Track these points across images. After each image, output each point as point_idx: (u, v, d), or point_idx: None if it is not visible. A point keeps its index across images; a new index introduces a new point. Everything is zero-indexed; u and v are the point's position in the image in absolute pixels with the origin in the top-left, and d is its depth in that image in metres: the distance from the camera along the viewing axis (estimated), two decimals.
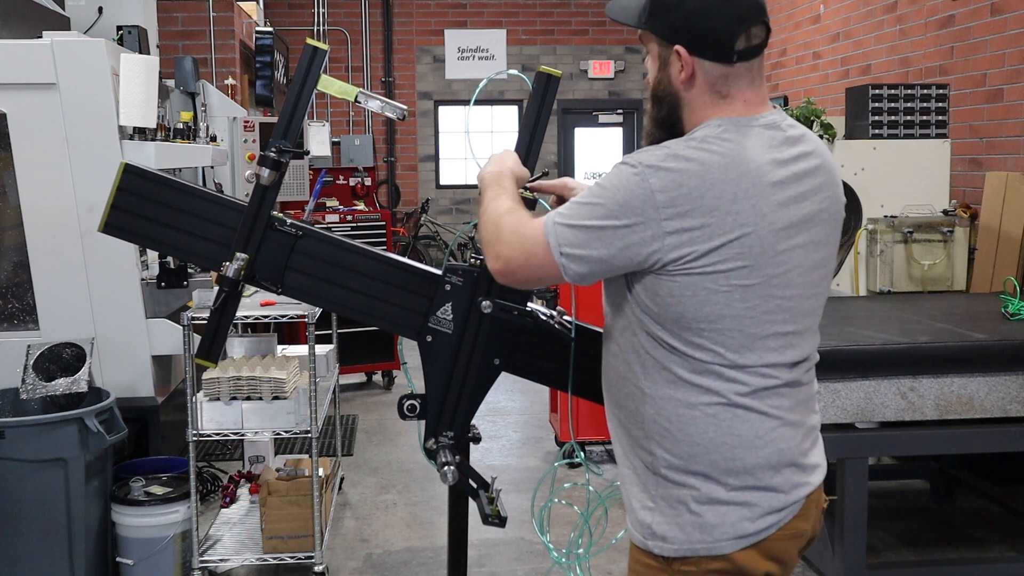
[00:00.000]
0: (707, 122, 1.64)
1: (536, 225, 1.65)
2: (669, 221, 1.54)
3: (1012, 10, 5.50)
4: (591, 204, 1.60)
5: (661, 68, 1.68)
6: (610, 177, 1.62)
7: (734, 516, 1.61)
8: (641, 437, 1.67)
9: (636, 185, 1.56)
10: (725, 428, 1.61)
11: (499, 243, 1.68)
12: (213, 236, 2.05)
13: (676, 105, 1.68)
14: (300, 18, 10.95)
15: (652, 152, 1.59)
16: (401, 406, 2.07)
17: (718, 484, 1.62)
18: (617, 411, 1.74)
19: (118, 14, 5.32)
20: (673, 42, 1.63)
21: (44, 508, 3.28)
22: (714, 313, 1.57)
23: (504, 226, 1.69)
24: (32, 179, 3.72)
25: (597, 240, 1.57)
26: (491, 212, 1.74)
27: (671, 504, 1.64)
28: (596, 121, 11.69)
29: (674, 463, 1.63)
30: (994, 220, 5.07)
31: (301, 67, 2.01)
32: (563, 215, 1.63)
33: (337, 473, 4.62)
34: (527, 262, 1.65)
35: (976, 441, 3.29)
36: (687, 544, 1.62)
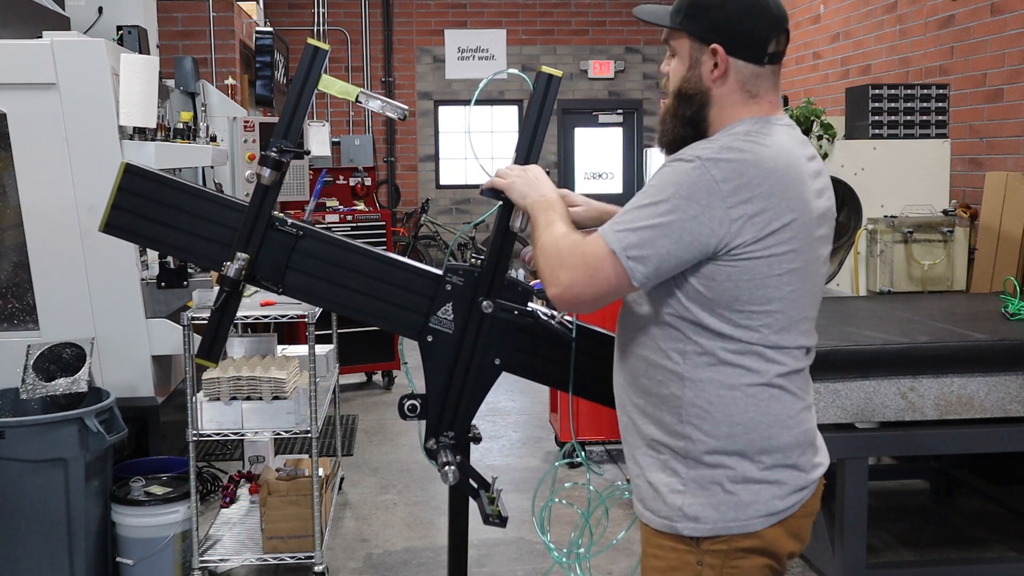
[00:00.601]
0: (741, 120, 1.72)
1: (594, 240, 1.66)
2: (734, 208, 1.60)
3: (1012, 10, 5.50)
4: (652, 204, 1.63)
5: (692, 67, 1.74)
6: (665, 175, 1.66)
7: (766, 494, 1.69)
8: (674, 422, 1.70)
9: (698, 177, 1.61)
10: (763, 408, 1.69)
11: (560, 268, 1.68)
12: (214, 236, 2.05)
13: (705, 103, 1.74)
14: (300, 18, 10.95)
15: (704, 147, 1.66)
16: (402, 406, 2.07)
17: (752, 463, 1.68)
18: (641, 400, 1.76)
19: (118, 14, 5.32)
20: (710, 41, 1.71)
21: (44, 508, 3.28)
22: (766, 296, 1.65)
23: (563, 249, 1.70)
24: (32, 179, 3.72)
25: (664, 237, 1.61)
26: (547, 238, 1.74)
27: (703, 485, 1.68)
28: (596, 121, 11.69)
29: (712, 444, 1.68)
30: (994, 220, 5.07)
31: (302, 67, 2.01)
32: (621, 222, 1.65)
33: (337, 473, 4.62)
34: (592, 279, 1.65)
35: (976, 441, 3.28)
36: (720, 523, 1.68)
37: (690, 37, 1.74)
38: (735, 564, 1.69)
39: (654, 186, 1.66)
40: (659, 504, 1.73)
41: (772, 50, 1.72)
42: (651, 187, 1.66)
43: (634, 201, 1.68)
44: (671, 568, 1.72)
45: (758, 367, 1.68)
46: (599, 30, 11.50)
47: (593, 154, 11.70)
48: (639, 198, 1.67)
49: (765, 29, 1.71)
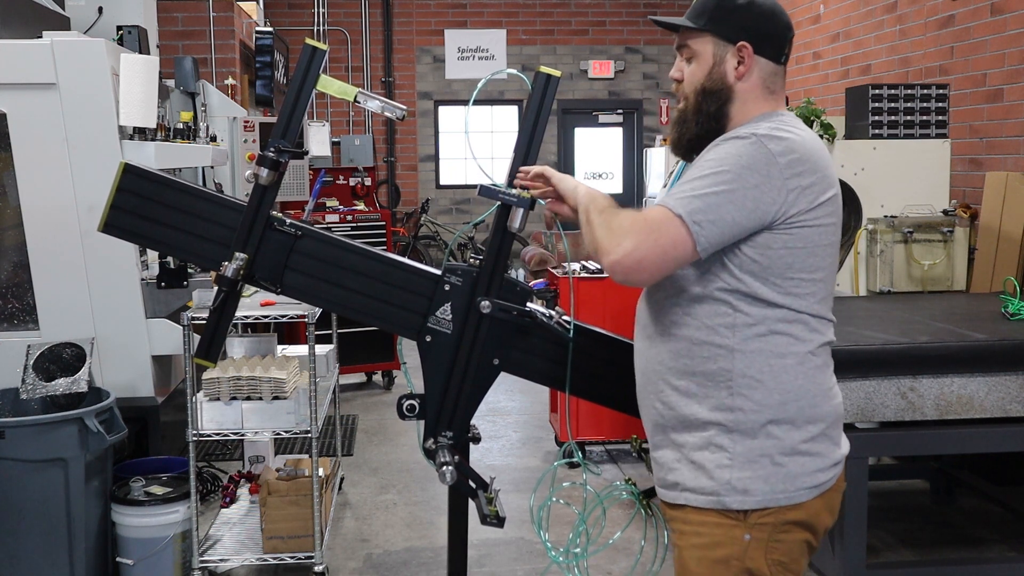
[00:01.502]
0: (765, 114, 1.82)
1: (656, 209, 1.71)
2: (790, 180, 1.70)
3: (1012, 10, 5.49)
4: (714, 173, 1.70)
5: (715, 65, 1.83)
6: (723, 150, 1.73)
7: (811, 466, 1.76)
8: (724, 396, 1.74)
9: (757, 151, 1.70)
10: (810, 376, 1.77)
11: (621, 235, 1.70)
12: (213, 236, 2.05)
13: (728, 99, 1.84)
14: (300, 18, 10.95)
15: (754, 127, 1.75)
16: (400, 406, 2.07)
17: (799, 432, 1.75)
18: (683, 381, 1.79)
19: (118, 14, 5.32)
20: (736, 40, 1.82)
21: (44, 508, 3.28)
22: (815, 264, 1.75)
23: (621, 220, 1.74)
24: (32, 179, 3.72)
25: (729, 203, 1.67)
26: (598, 216, 1.79)
27: (751, 458, 1.73)
28: (596, 121, 11.69)
29: (764, 414, 1.73)
30: (994, 220, 5.07)
31: (300, 67, 2.01)
32: (683, 191, 1.71)
33: (337, 473, 4.63)
34: (656, 243, 1.68)
35: (976, 441, 3.28)
36: (770, 495, 1.73)
37: (714, 37, 1.83)
38: (780, 537, 1.74)
39: (712, 159, 1.72)
40: (704, 481, 1.75)
41: (786, 51, 1.87)
42: (709, 161, 1.73)
43: (691, 174, 1.74)
44: (715, 544, 1.75)
45: (804, 335, 1.76)
46: (599, 30, 11.50)
47: (593, 154, 11.70)
48: (702, 169, 1.72)
49: (782, 31, 1.86)
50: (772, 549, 1.74)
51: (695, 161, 1.81)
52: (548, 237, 9.14)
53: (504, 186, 1.99)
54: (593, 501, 2.16)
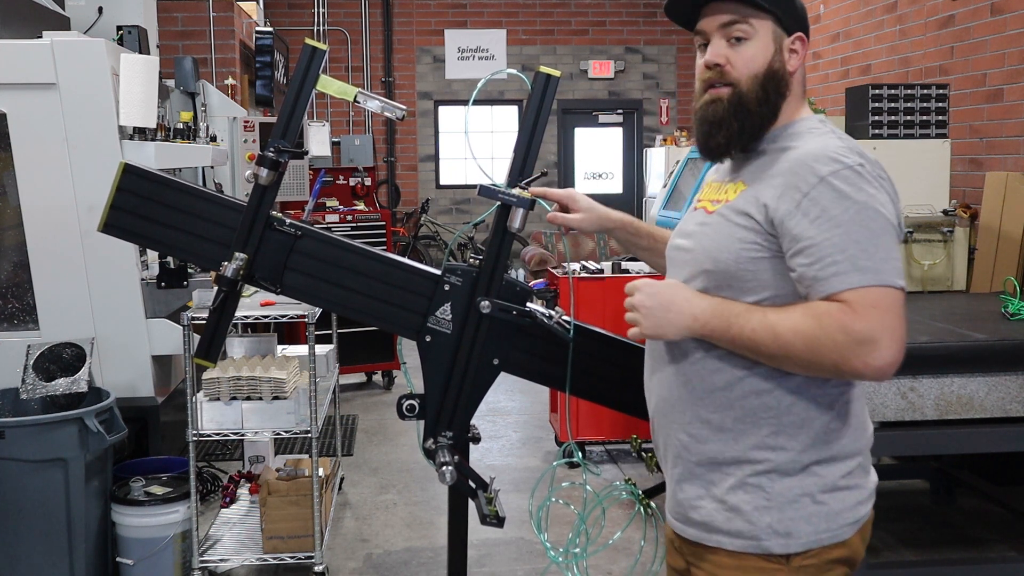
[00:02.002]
0: (807, 118, 1.69)
1: (872, 293, 1.49)
2: (897, 204, 1.59)
3: (1012, 10, 5.50)
4: (881, 228, 1.53)
5: (777, 51, 1.66)
6: (857, 193, 1.53)
7: (851, 500, 1.64)
8: (766, 435, 1.61)
9: (876, 180, 1.56)
10: (851, 409, 1.65)
11: (871, 342, 1.47)
12: (213, 236, 2.05)
13: (784, 93, 1.67)
14: (300, 18, 10.95)
15: (840, 154, 1.56)
16: (400, 406, 2.07)
17: (840, 467, 1.63)
18: (717, 415, 1.64)
19: (118, 14, 5.33)
20: (794, 31, 1.67)
21: (44, 508, 3.28)
22: None
23: (851, 324, 1.48)
24: (32, 179, 3.72)
25: (900, 251, 1.57)
26: (797, 333, 1.51)
27: (791, 499, 1.61)
28: (596, 121, 11.69)
29: (809, 454, 1.61)
30: (994, 220, 5.07)
31: (300, 67, 2.01)
32: (876, 258, 1.51)
33: (337, 473, 4.63)
34: (903, 323, 1.51)
35: (976, 441, 3.28)
36: (814, 535, 1.61)
37: (775, 22, 1.66)
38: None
39: (859, 208, 1.52)
40: (740, 524, 1.62)
41: None
42: (852, 208, 1.52)
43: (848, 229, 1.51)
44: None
45: None
46: (599, 30, 11.50)
47: (593, 154, 11.70)
48: (853, 223, 1.51)
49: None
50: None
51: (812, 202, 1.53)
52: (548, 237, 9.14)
53: (504, 186, 1.99)
54: (593, 501, 2.16)
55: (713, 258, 1.63)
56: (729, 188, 1.69)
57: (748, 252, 1.60)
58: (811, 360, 1.51)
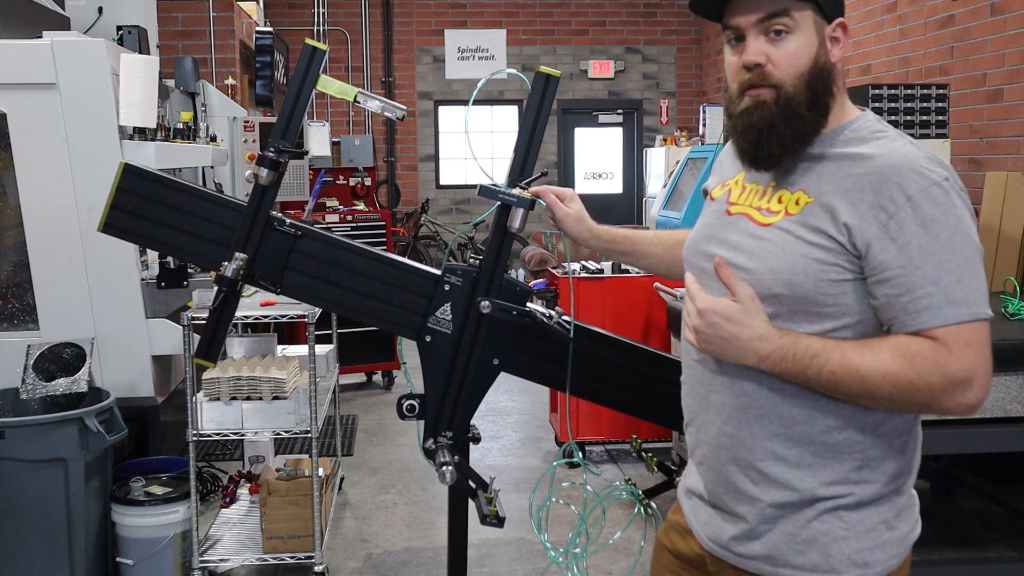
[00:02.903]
0: (865, 116, 1.55)
1: (969, 330, 1.40)
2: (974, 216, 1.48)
3: (1012, 10, 5.50)
4: (972, 253, 1.42)
5: (822, 45, 1.51)
6: (948, 216, 1.40)
7: (911, 520, 1.59)
8: (848, 471, 1.51)
9: (959, 198, 1.43)
10: (919, 436, 1.60)
11: (967, 382, 1.40)
12: (213, 236, 2.05)
13: (833, 90, 1.52)
14: (300, 18, 10.95)
15: (924, 167, 1.42)
16: (400, 406, 2.07)
17: (903, 492, 1.57)
18: (793, 451, 1.52)
19: (118, 14, 5.33)
20: (834, 17, 1.51)
21: (44, 508, 3.28)
22: None
23: (946, 365, 1.40)
24: (32, 179, 3.72)
25: (982, 268, 1.45)
26: (885, 375, 1.41)
27: (870, 527, 1.52)
28: (596, 121, 11.69)
29: (890, 486, 1.54)
30: (994, 220, 5.07)
31: (300, 67, 2.01)
32: (969, 289, 1.40)
33: (337, 473, 4.63)
34: (991, 357, 1.44)
35: (976, 441, 3.28)
36: (886, 562, 1.53)
37: (815, 10, 1.49)
38: None
39: (951, 233, 1.40)
40: (815, 557, 1.52)
41: None
42: (944, 234, 1.40)
43: (942, 257, 1.40)
44: None
45: None
46: (599, 30, 11.50)
47: (593, 154, 11.70)
48: (947, 250, 1.40)
49: None
50: None
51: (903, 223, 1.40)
52: (548, 237, 9.14)
53: (504, 186, 1.99)
54: (593, 501, 2.16)
55: (787, 281, 1.47)
56: (784, 196, 1.53)
57: (828, 274, 1.45)
58: (899, 401, 1.43)
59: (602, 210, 10.68)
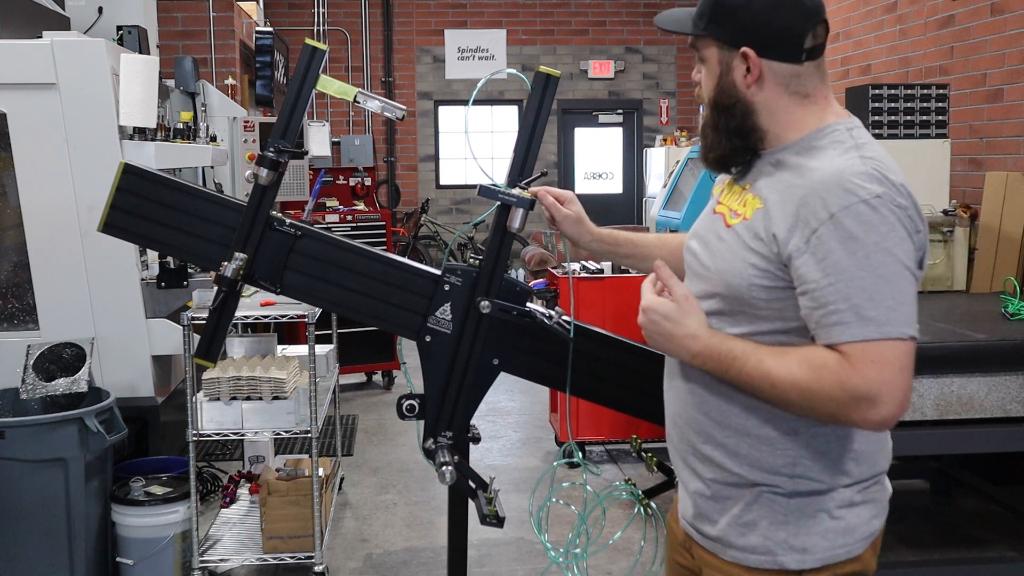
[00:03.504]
0: (826, 127, 1.58)
1: (876, 347, 1.42)
2: (919, 233, 1.49)
3: (1012, 10, 5.50)
4: (894, 273, 1.43)
5: (723, 74, 1.60)
6: (870, 233, 1.44)
7: (867, 515, 1.62)
8: (782, 464, 1.58)
9: (892, 215, 1.45)
10: (871, 435, 1.61)
11: (869, 398, 1.43)
12: (212, 236, 2.05)
13: (749, 112, 1.60)
14: (300, 18, 10.95)
15: (856, 184, 1.46)
16: (400, 406, 2.07)
17: (858, 486, 1.60)
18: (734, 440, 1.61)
19: (118, 14, 5.33)
20: (739, 45, 1.58)
21: (44, 508, 3.28)
22: None
23: (845, 379, 1.43)
24: (32, 179, 3.72)
25: (911, 287, 1.47)
26: (794, 385, 1.47)
27: (808, 514, 1.58)
28: (596, 121, 11.69)
29: (825, 482, 1.58)
30: (994, 220, 5.07)
31: (300, 67, 2.01)
32: (883, 307, 1.43)
33: (337, 473, 4.63)
34: (908, 376, 1.45)
35: (976, 441, 3.28)
36: (829, 551, 1.58)
37: (717, 43, 1.60)
38: None
39: (875, 249, 1.43)
40: (755, 540, 1.60)
41: (809, 45, 1.57)
42: (862, 252, 1.43)
43: (857, 274, 1.43)
44: None
45: None
46: (599, 30, 11.50)
47: (593, 154, 11.70)
48: (862, 268, 1.43)
49: (799, 24, 1.55)
50: None
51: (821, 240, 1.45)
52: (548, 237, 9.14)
53: (504, 186, 1.99)
54: (593, 501, 2.16)
55: (726, 282, 1.58)
56: (747, 198, 1.61)
57: (762, 280, 1.53)
58: (808, 409, 1.49)
59: (602, 210, 10.68)
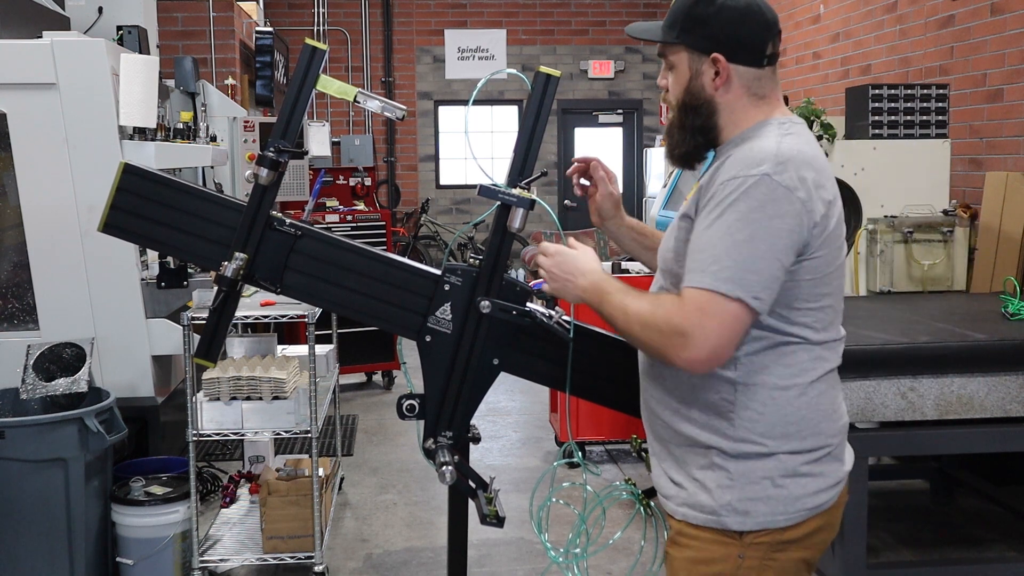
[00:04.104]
0: (763, 122, 1.75)
1: (702, 296, 1.59)
2: (811, 213, 1.63)
3: (1012, 10, 5.49)
4: (747, 237, 1.59)
5: (693, 78, 1.76)
6: (742, 205, 1.60)
7: (813, 487, 1.72)
8: (726, 427, 1.71)
9: (773, 192, 1.61)
10: (814, 404, 1.73)
11: (683, 336, 1.60)
12: (213, 236, 2.05)
13: (712, 111, 1.77)
14: (300, 18, 10.95)
15: (756, 161, 1.63)
16: (400, 406, 2.07)
17: (802, 456, 1.72)
18: (684, 406, 1.75)
19: (118, 14, 5.33)
20: (709, 51, 1.74)
21: (44, 508, 3.28)
22: (819, 292, 1.70)
23: (671, 317, 1.62)
24: (32, 179, 3.72)
25: (773, 262, 1.61)
26: (638, 315, 1.67)
27: (753, 480, 1.70)
28: (596, 121, 11.69)
29: (767, 445, 1.70)
30: (994, 220, 5.07)
31: (300, 67, 2.01)
32: (724, 266, 1.59)
33: (337, 473, 4.62)
34: (726, 331, 1.60)
35: (976, 441, 3.28)
36: (769, 516, 1.70)
37: (688, 50, 1.76)
38: (774, 556, 1.72)
39: (740, 218, 1.60)
40: (704, 499, 1.73)
41: (769, 52, 1.76)
42: (734, 219, 1.60)
43: (719, 238, 1.61)
44: (710, 560, 1.74)
45: (809, 365, 1.72)
46: (599, 30, 11.50)
47: (593, 154, 11.66)
48: (723, 233, 1.61)
49: (761, 33, 1.74)
50: (766, 568, 1.72)
51: (710, 203, 1.65)
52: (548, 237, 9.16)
53: (504, 186, 1.99)
54: (593, 501, 2.16)
55: (663, 258, 1.82)
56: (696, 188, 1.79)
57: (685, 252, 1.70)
58: (643, 342, 1.68)
59: None
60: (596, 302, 1.76)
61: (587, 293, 1.79)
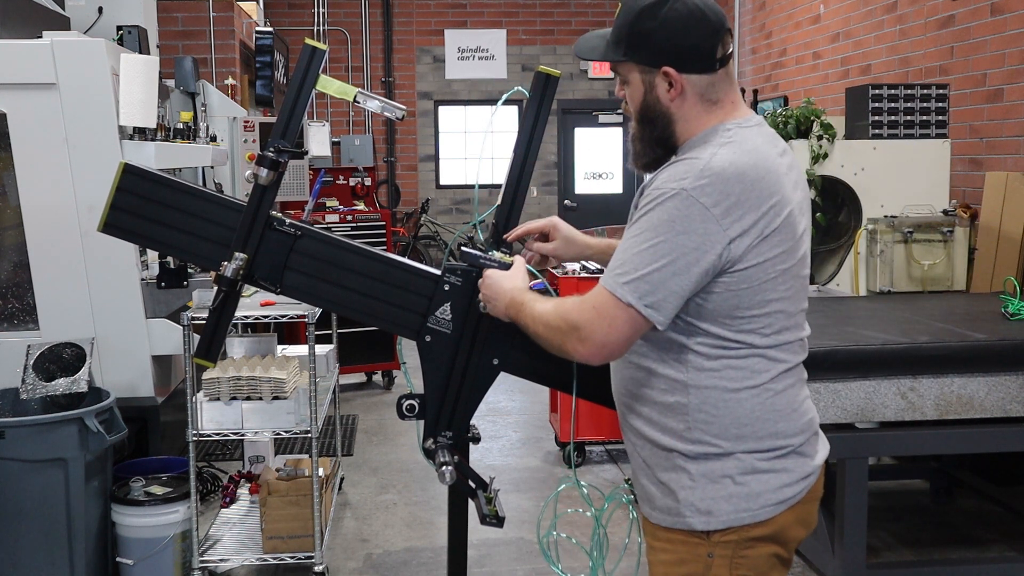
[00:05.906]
0: (711, 128, 1.75)
1: (601, 296, 1.66)
2: (730, 228, 1.63)
3: (1012, 10, 5.49)
4: (651, 246, 1.63)
5: (648, 92, 1.78)
6: (654, 215, 1.65)
7: (775, 482, 1.74)
8: (682, 428, 1.73)
9: (688, 208, 1.62)
10: (768, 405, 1.73)
11: (577, 330, 1.68)
12: (212, 236, 2.05)
13: (669, 121, 1.78)
14: (300, 18, 10.95)
15: (680, 175, 1.65)
16: (400, 406, 2.07)
17: (761, 455, 1.73)
18: (644, 407, 1.79)
19: (118, 14, 5.33)
20: (659, 65, 1.75)
21: (44, 508, 3.28)
22: (764, 299, 1.69)
23: (568, 314, 1.70)
24: (32, 179, 3.72)
25: (673, 276, 1.63)
26: (542, 316, 1.77)
27: (713, 479, 1.72)
28: (596, 121, 11.69)
29: (722, 446, 1.72)
30: (994, 220, 5.07)
31: (300, 67, 2.01)
32: (624, 272, 1.64)
33: (337, 473, 4.62)
34: (615, 333, 1.65)
35: (976, 441, 3.28)
36: (733, 514, 1.72)
37: (638, 66, 1.78)
38: (744, 553, 1.73)
39: (649, 228, 1.65)
40: (670, 501, 1.75)
41: (720, 55, 1.75)
42: (645, 229, 1.65)
43: (630, 245, 1.66)
44: (681, 561, 1.76)
45: (761, 367, 1.72)
46: None
47: (593, 154, 11.69)
48: (635, 241, 1.66)
49: (708, 38, 1.73)
50: (737, 565, 1.73)
51: (637, 211, 1.70)
52: None
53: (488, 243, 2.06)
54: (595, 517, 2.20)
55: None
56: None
57: None
58: (548, 341, 1.75)
59: (602, 210, 10.68)
60: (515, 316, 1.84)
61: (509, 310, 1.87)
